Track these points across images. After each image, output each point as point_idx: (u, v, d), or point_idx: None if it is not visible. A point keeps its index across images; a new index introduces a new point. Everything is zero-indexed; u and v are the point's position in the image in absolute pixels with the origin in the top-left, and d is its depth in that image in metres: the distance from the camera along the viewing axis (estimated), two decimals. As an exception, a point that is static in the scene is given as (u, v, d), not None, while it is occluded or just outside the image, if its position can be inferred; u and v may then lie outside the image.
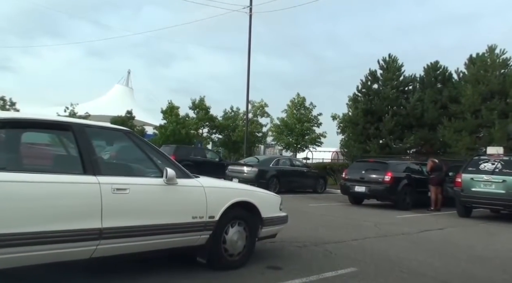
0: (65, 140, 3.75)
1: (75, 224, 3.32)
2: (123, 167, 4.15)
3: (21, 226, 3.04)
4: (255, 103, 33.81)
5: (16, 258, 3.05)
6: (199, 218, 4.19)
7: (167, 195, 3.99)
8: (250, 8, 22.50)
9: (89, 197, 3.43)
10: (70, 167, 3.58)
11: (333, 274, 4.67)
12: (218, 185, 4.70)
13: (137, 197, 3.74)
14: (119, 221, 3.57)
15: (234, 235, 4.54)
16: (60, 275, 3.72)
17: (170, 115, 36.90)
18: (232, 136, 34.80)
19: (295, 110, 31.35)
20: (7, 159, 3.33)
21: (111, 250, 3.58)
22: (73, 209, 3.34)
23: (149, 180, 3.93)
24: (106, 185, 3.52)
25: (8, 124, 3.35)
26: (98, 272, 3.98)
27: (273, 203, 5.14)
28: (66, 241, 3.27)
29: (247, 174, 15.56)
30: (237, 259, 4.58)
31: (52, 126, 3.78)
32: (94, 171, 3.52)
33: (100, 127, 3.95)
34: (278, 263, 4.92)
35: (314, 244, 6.29)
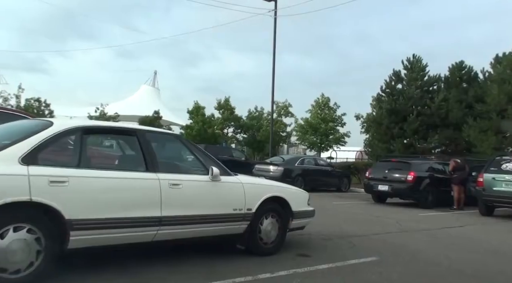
0: (131, 144, 4.45)
1: (140, 212, 4.02)
2: (176, 165, 4.83)
3: (103, 212, 3.76)
4: (279, 103, 34.37)
5: (99, 239, 3.77)
6: (239, 210, 4.85)
7: (212, 190, 4.66)
8: (275, 11, 23.04)
9: (151, 190, 4.13)
10: (136, 165, 4.27)
11: (356, 261, 5.24)
12: (255, 182, 5.36)
13: (188, 191, 4.42)
14: (175, 211, 4.26)
15: (268, 226, 5.17)
16: (125, 259, 4.42)
17: (196, 115, 37.87)
18: (257, 135, 35.45)
19: (319, 110, 31.80)
20: (92, 158, 4.06)
21: (168, 235, 4.28)
22: (139, 199, 4.05)
23: (197, 177, 4.61)
24: (164, 181, 4.21)
25: (89, 130, 4.09)
26: (147, 257, 4.67)
27: (302, 198, 5.75)
28: (134, 226, 3.98)
29: (273, 172, 16.16)
30: (271, 247, 5.21)
31: (121, 132, 4.53)
32: (154, 169, 4.23)
33: (157, 132, 4.65)
34: (306, 252, 5.53)
35: (339, 237, 6.86)
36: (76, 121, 4.34)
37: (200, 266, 4.53)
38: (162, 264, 4.44)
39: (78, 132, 3.96)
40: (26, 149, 3.54)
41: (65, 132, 3.88)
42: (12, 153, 3.49)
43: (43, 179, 3.50)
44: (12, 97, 42.76)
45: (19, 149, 3.53)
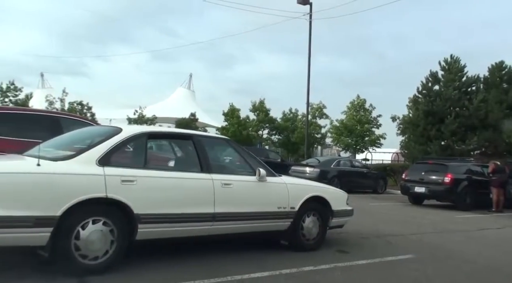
0: (188, 147, 4.95)
1: (197, 209, 4.51)
2: (227, 167, 5.30)
3: (166, 208, 4.27)
4: (314, 105, 34.53)
5: (162, 232, 4.29)
6: (283, 208, 5.26)
7: (259, 189, 5.10)
8: (310, 15, 23.33)
9: (205, 189, 4.60)
10: (192, 166, 4.76)
11: (393, 258, 5.56)
12: (297, 182, 5.77)
13: (238, 190, 4.87)
14: (226, 208, 4.72)
15: (310, 223, 5.55)
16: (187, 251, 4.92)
17: (232, 117, 38.58)
18: (291, 137, 35.73)
19: (355, 112, 31.78)
20: (155, 160, 4.58)
21: (221, 230, 4.75)
22: (195, 197, 4.54)
23: (246, 177, 5.05)
24: (217, 181, 4.68)
25: (153, 135, 4.62)
26: (202, 250, 5.15)
27: (341, 198, 6.10)
28: (192, 221, 4.48)
29: (309, 174, 16.47)
30: (312, 243, 5.59)
31: (179, 137, 5.05)
32: (208, 170, 4.71)
33: (210, 136, 5.15)
34: (345, 249, 5.88)
35: (376, 236, 7.16)
36: (141, 127, 4.89)
37: (251, 258, 4.98)
38: (217, 256, 4.90)
39: (144, 137, 4.49)
40: (101, 152, 4.09)
41: (132, 137, 4.42)
42: (91, 155, 4.04)
43: (116, 178, 4.03)
44: (56, 101, 44.98)
45: (96, 152, 4.08)
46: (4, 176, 3.59)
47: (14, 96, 44.70)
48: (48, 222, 3.65)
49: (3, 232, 3.52)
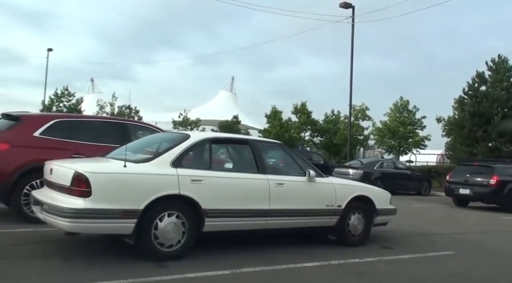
0: (246, 151, 5.54)
1: (254, 205, 5.10)
2: (280, 168, 5.87)
3: (228, 204, 4.89)
4: (356, 107, 34.52)
5: (225, 225, 4.92)
6: (330, 206, 5.76)
7: (309, 189, 5.63)
8: (352, 18, 23.53)
9: (262, 188, 5.18)
10: (250, 168, 5.35)
11: (435, 254, 5.93)
12: (344, 183, 6.26)
13: (290, 189, 5.42)
14: (280, 205, 5.28)
15: (355, 220, 6.02)
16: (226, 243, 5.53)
17: (274, 120, 39.18)
18: (334, 139, 35.87)
19: (398, 113, 31.55)
20: (218, 162, 5.22)
21: (275, 224, 5.33)
22: (253, 195, 5.13)
23: (297, 178, 5.59)
24: (271, 181, 5.25)
25: (216, 141, 5.27)
26: (259, 242, 5.73)
27: (384, 198, 6.53)
28: (250, 216, 5.07)
29: (352, 175, 16.76)
30: (357, 239, 6.06)
31: (238, 142, 5.70)
32: (264, 171, 5.29)
33: (265, 141, 5.75)
34: (389, 245, 6.30)
35: (419, 234, 7.51)
36: (206, 133, 5.55)
37: (303, 250, 5.54)
38: (273, 247, 5.48)
39: (208, 142, 5.14)
40: (174, 156, 4.76)
41: (199, 142, 5.08)
42: (166, 158, 4.72)
43: (187, 178, 4.68)
44: (107, 105, 47.23)
45: (170, 155, 4.76)
46: (99, 176, 4.32)
47: (68, 101, 47.45)
48: (133, 214, 4.34)
49: (98, 222, 4.25)
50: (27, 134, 6.45)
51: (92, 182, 4.20)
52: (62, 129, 6.77)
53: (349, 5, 23.39)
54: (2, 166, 6.13)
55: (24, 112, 7.56)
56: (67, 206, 4.19)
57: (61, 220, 4.21)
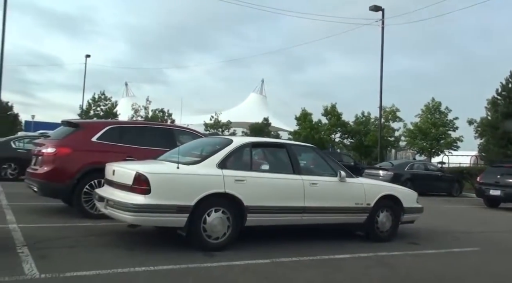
0: (282, 154, 6.12)
1: (291, 203, 5.67)
2: (314, 169, 6.42)
3: (267, 201, 5.48)
4: (386, 108, 34.50)
5: (265, 220, 5.52)
6: (360, 204, 6.26)
7: (340, 188, 6.15)
8: (382, 21, 23.71)
9: (297, 187, 5.75)
10: (286, 169, 5.93)
11: (459, 250, 6.34)
12: (373, 183, 6.75)
13: (323, 188, 5.97)
14: (314, 203, 5.83)
15: (384, 218, 6.49)
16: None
17: (304, 122, 39.56)
18: (364, 140, 35.94)
19: (429, 115, 31.39)
20: (258, 164, 5.84)
21: (309, 220, 5.89)
22: (289, 194, 5.70)
23: (329, 178, 6.13)
24: (306, 181, 5.81)
25: (256, 145, 5.89)
26: (294, 236, 6.30)
27: (411, 197, 6.96)
28: (287, 212, 5.65)
29: (382, 177, 17.04)
30: (385, 235, 6.53)
31: (276, 145, 6.30)
32: (299, 172, 5.86)
33: (299, 145, 6.32)
34: (416, 241, 6.73)
35: (445, 232, 7.88)
36: (247, 138, 6.18)
37: (334, 243, 6.10)
38: (307, 241, 6.03)
39: (249, 146, 5.76)
40: (220, 158, 5.39)
41: (241, 146, 5.70)
42: (213, 160, 5.35)
43: (231, 178, 5.30)
44: (141, 108, 48.75)
45: (216, 158, 5.39)
46: (157, 176, 4.99)
47: (104, 105, 49.23)
48: (186, 209, 4.99)
49: (157, 216, 4.93)
50: (86, 140, 7.24)
51: (151, 181, 4.88)
52: (115, 134, 7.53)
53: (379, 8, 23.57)
54: (66, 167, 6.94)
55: (83, 120, 8.38)
56: (130, 202, 4.88)
57: (125, 214, 4.91)
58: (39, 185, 7.01)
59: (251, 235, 5.74)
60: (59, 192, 7.07)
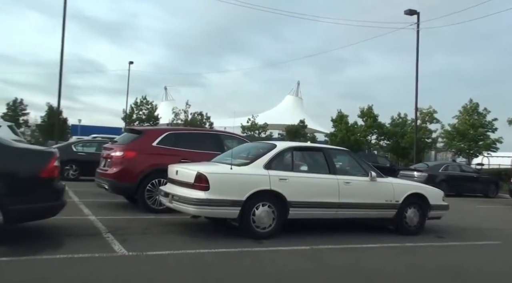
0: (319, 156, 7.00)
1: (327, 199, 6.53)
2: (347, 170, 7.26)
3: (307, 197, 6.37)
4: (423, 110, 34.49)
5: (305, 214, 6.42)
6: (389, 201, 7.04)
7: (371, 186, 6.95)
8: (417, 24, 24.01)
9: (333, 186, 6.61)
10: (323, 170, 6.79)
11: (482, 243, 7.01)
12: (401, 182, 7.53)
13: (355, 187, 6.79)
14: (347, 199, 6.66)
15: (411, 214, 7.23)
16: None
17: (340, 123, 39.98)
18: (401, 142, 36.03)
19: (467, 116, 31.23)
20: (298, 165, 6.74)
21: (343, 214, 6.74)
22: (326, 191, 6.56)
23: (361, 178, 6.94)
24: (340, 180, 6.66)
25: (297, 148, 6.82)
26: (331, 228, 7.14)
27: (437, 195, 7.66)
28: (324, 207, 6.51)
29: (417, 178, 17.49)
30: (413, 229, 7.26)
31: (314, 149, 7.20)
32: (334, 172, 6.72)
33: (335, 148, 7.20)
34: (442, 235, 7.42)
35: (472, 228, 8.51)
36: (289, 143, 7.12)
37: (365, 235, 6.90)
38: (342, 232, 6.87)
39: (291, 150, 6.67)
40: (266, 160, 6.33)
41: (284, 150, 6.62)
42: (260, 162, 6.30)
43: (276, 177, 6.22)
44: (181, 112, 50.44)
45: (262, 160, 6.33)
46: (214, 175, 5.97)
47: (146, 109, 51.29)
48: (238, 203, 5.95)
49: (214, 208, 5.91)
50: (148, 144, 8.35)
51: (210, 179, 5.87)
52: (172, 140, 8.61)
53: (414, 11, 23.89)
54: (132, 169, 8.06)
55: (144, 127, 9.54)
56: (193, 197, 5.89)
57: (188, 207, 5.93)
58: (109, 183, 8.16)
59: (293, 226, 6.64)
60: (126, 190, 8.21)
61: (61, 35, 21.54)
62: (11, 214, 4.93)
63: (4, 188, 4.85)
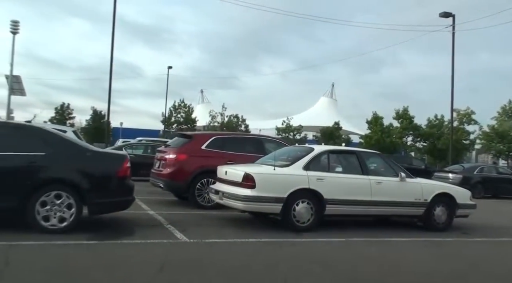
0: (353, 159, 7.74)
1: (360, 197, 7.26)
2: (379, 171, 7.96)
3: (341, 195, 7.13)
4: (460, 111, 34.26)
5: (340, 210, 7.18)
6: (418, 200, 7.69)
7: (400, 186, 7.63)
8: (453, 26, 24.10)
9: (365, 185, 7.33)
10: (356, 171, 7.53)
11: (507, 239, 7.55)
12: (430, 182, 8.19)
13: (386, 186, 7.49)
14: (378, 197, 7.37)
15: (439, 212, 7.84)
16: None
17: (375, 125, 40.15)
18: (437, 144, 35.88)
19: (507, 117, 30.87)
20: (334, 167, 7.51)
21: (375, 211, 7.46)
22: (359, 190, 7.29)
23: (391, 178, 7.63)
24: (372, 180, 7.38)
25: (332, 152, 7.60)
26: (359, 224, 7.85)
27: (464, 195, 8.23)
28: (357, 205, 7.25)
29: (452, 180, 17.70)
30: (441, 226, 7.86)
31: (348, 152, 7.96)
32: (367, 173, 7.45)
33: (366, 151, 7.92)
34: (469, 232, 7.99)
35: (500, 227, 8.99)
36: (325, 147, 7.91)
37: (395, 230, 7.60)
38: (373, 227, 7.58)
39: (327, 153, 7.46)
40: (305, 162, 7.14)
41: (321, 153, 7.41)
42: (299, 164, 7.11)
43: (313, 177, 7.01)
44: (217, 115, 51.67)
45: (302, 162, 7.15)
46: (260, 175, 6.83)
47: (184, 112, 52.83)
48: (281, 200, 6.78)
49: (260, 204, 6.76)
50: (197, 148, 9.32)
51: (256, 179, 6.73)
52: (218, 143, 9.55)
53: (449, 14, 24.02)
54: (184, 169, 9.03)
55: (194, 132, 10.55)
56: (241, 194, 6.76)
57: (237, 203, 6.81)
58: (164, 182, 9.17)
59: (329, 221, 7.41)
60: (179, 188, 9.21)
61: (110, 48, 23.05)
62: (94, 207, 5.99)
63: (88, 185, 5.88)
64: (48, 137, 6.16)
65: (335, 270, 4.98)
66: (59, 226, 5.65)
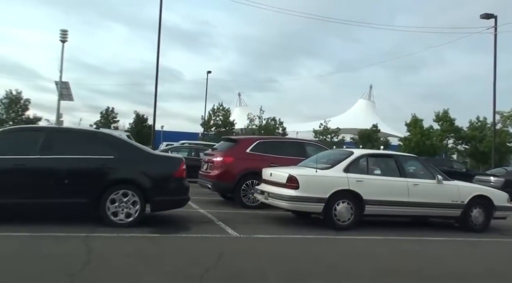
0: (391, 162, 8.16)
1: (398, 198, 7.68)
2: (416, 173, 8.34)
3: (380, 196, 7.57)
4: (504, 113, 33.46)
5: (378, 210, 7.62)
6: (455, 202, 8.01)
7: (437, 188, 7.98)
8: (495, 28, 23.72)
9: (403, 187, 7.74)
10: (394, 173, 7.94)
11: (541, 239, 7.76)
12: (466, 185, 8.48)
13: (423, 188, 7.86)
14: (416, 199, 7.75)
15: (476, 213, 8.13)
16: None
17: (414, 128, 39.71)
18: (479, 147, 35.15)
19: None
20: (373, 169, 7.97)
21: (413, 212, 7.86)
22: (397, 191, 7.71)
23: (428, 181, 7.99)
24: (410, 182, 7.79)
25: (371, 155, 8.07)
26: (394, 223, 8.25)
27: (502, 197, 8.46)
28: (395, 205, 7.67)
29: (493, 183, 17.61)
30: (478, 227, 8.14)
31: (386, 156, 8.41)
32: (404, 175, 7.86)
33: (404, 155, 8.33)
34: (506, 233, 8.24)
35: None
36: (364, 150, 8.38)
37: (431, 229, 7.96)
38: (408, 225, 7.97)
39: (366, 156, 7.93)
40: (345, 165, 7.64)
41: (360, 156, 7.89)
42: (340, 167, 7.62)
43: (353, 179, 7.50)
44: (255, 118, 52.42)
45: (342, 165, 7.65)
46: (303, 177, 7.38)
47: (223, 115, 53.85)
48: (323, 200, 7.31)
49: (303, 204, 7.32)
50: (243, 151, 9.97)
51: (299, 180, 7.30)
52: (262, 147, 10.16)
53: (490, 15, 23.64)
54: (230, 171, 9.70)
55: (239, 137, 11.23)
56: (285, 194, 7.34)
57: (282, 202, 7.40)
58: (212, 183, 9.88)
59: (369, 221, 7.87)
60: (226, 189, 9.90)
61: (156, 54, 24.21)
62: (155, 204, 6.74)
63: (150, 185, 6.63)
64: (115, 142, 6.98)
65: (375, 262, 5.46)
66: (126, 220, 6.43)
